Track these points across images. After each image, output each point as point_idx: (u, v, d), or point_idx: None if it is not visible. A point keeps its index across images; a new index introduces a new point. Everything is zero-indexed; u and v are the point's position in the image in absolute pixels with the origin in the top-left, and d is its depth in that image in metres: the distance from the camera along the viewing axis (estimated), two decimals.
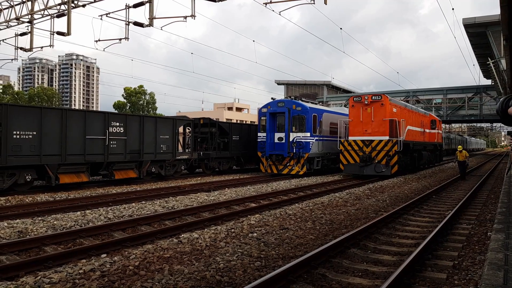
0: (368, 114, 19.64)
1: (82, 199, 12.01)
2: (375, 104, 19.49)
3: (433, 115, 30.74)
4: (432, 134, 28.60)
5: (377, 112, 19.35)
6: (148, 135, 17.13)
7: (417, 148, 23.49)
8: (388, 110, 19.30)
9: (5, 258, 6.21)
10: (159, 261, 5.87)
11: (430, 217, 9.75)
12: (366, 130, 19.61)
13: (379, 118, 19.30)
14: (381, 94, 19.82)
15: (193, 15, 13.88)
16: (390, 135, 19.04)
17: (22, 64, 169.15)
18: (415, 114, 24.19)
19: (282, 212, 9.79)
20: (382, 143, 19.02)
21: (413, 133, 22.82)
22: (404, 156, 20.28)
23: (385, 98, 19.39)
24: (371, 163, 19.07)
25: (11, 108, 12.84)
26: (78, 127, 14.43)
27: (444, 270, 5.70)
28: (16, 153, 12.60)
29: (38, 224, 8.31)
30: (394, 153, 18.78)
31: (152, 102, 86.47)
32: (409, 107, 23.76)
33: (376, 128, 19.40)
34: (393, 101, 20.36)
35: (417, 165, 24.07)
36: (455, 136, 69.84)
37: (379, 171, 18.76)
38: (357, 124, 19.97)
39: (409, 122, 22.05)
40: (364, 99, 19.77)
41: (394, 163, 18.84)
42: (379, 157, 19.02)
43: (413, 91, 46.69)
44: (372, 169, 18.99)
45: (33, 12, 17.27)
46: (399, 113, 20.64)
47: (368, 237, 7.47)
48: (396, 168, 18.95)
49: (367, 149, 19.27)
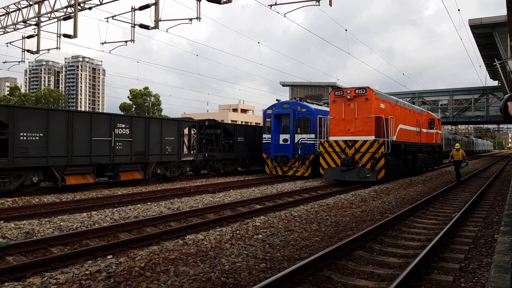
0: (351, 110, 17.17)
1: (88, 200, 12.08)
2: (359, 99, 17.01)
3: (432, 114, 28.25)
4: (430, 134, 26.13)
5: (361, 108, 16.91)
6: (154, 136, 17.19)
7: (411, 149, 21.09)
8: (374, 105, 16.86)
9: (12, 259, 6.26)
10: (165, 262, 5.89)
11: (436, 219, 9.69)
12: (349, 129, 17.21)
13: (364, 115, 16.87)
14: (365, 87, 17.14)
15: (199, 17, 13.94)
16: (376, 134, 16.68)
17: (29, 66, 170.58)
18: (409, 112, 21.82)
19: (287, 214, 9.77)
20: (366, 144, 16.65)
21: (406, 132, 20.51)
22: (394, 159, 18.10)
23: (370, 91, 16.93)
24: (354, 167, 16.75)
25: (18, 110, 12.95)
26: (84, 128, 14.51)
27: (450, 273, 5.66)
28: (23, 155, 12.70)
29: (44, 225, 8.36)
30: (380, 156, 16.46)
31: (157, 104, 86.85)
32: (402, 104, 21.06)
33: (360, 127, 16.99)
34: (380, 95, 17.93)
35: (412, 168, 21.40)
36: (461, 137, 69.43)
37: (363, 177, 16.37)
38: (338, 122, 17.57)
39: (401, 120, 19.83)
40: (346, 93, 17.27)
41: (380, 167, 16.48)
42: (363, 161, 16.68)
43: (419, 92, 46.49)
44: (355, 174, 16.64)
45: (40, 15, 17.42)
46: (388, 109, 18.22)
47: (374, 239, 7.44)
48: (382, 173, 16.53)
49: (350, 150, 16.98)
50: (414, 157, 21.35)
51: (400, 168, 19.14)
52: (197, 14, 13.89)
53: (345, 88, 17.72)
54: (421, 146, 23.47)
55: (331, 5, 13.21)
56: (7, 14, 18.79)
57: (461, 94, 43.81)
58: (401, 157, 19.22)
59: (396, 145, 17.99)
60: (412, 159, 21.02)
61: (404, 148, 19.29)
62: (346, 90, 17.40)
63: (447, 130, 72.12)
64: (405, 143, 19.61)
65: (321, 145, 17.89)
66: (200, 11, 13.88)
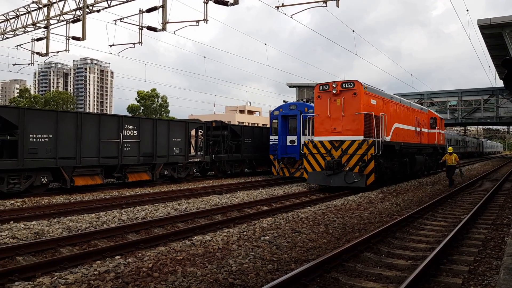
0: (337, 107, 15.36)
1: (96, 201, 12.16)
2: (346, 94, 15.17)
3: (433, 112, 25.97)
4: (432, 134, 23.89)
5: (349, 104, 15.11)
6: (161, 138, 17.28)
7: (408, 151, 19.19)
8: (363, 101, 15.08)
9: (22, 259, 6.33)
10: (172, 263, 5.91)
11: (445, 221, 9.62)
12: (335, 128, 15.42)
13: (351, 111, 15.07)
14: (353, 80, 15.21)
15: (206, 19, 13.99)
16: (365, 134, 14.94)
17: (38, 69, 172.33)
18: (407, 110, 19.92)
19: (294, 215, 9.76)
20: (354, 145, 14.83)
21: (403, 132, 18.71)
22: (389, 161, 16.37)
23: (358, 85, 15.04)
24: (341, 171, 14.91)
25: (27, 111, 13.10)
26: (93, 130, 14.63)
27: (459, 275, 5.61)
28: (32, 156, 12.83)
29: (54, 226, 8.44)
30: (370, 158, 14.54)
31: (164, 105, 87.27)
32: (398, 100, 18.98)
33: (347, 125, 15.20)
34: (371, 89, 15.99)
35: (409, 172, 19.45)
36: (470, 139, 68.82)
37: (350, 182, 14.59)
38: (324, 121, 15.77)
39: (397, 119, 18.12)
40: (332, 88, 15.42)
41: (369, 171, 14.55)
42: (351, 163, 14.85)
43: (427, 93, 46.17)
44: (341, 179, 14.81)
45: (49, 17, 17.62)
46: (381, 106, 16.50)
47: (381, 241, 7.40)
48: (372, 178, 14.56)
49: (336, 152, 15.16)
50: (412, 160, 19.72)
51: (396, 172, 17.50)
52: (204, 16, 13.95)
53: (331, 82, 15.66)
54: (421, 147, 21.60)
55: (338, 6, 13.21)
56: (17, 17, 19.03)
57: (470, 95, 43.44)
58: (397, 160, 17.63)
59: (389, 146, 16.38)
60: (410, 161, 19.40)
61: (399, 149, 17.48)
62: (331, 84, 15.52)
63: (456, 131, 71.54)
64: (401, 144, 17.79)
65: (305, 146, 16.19)
66: (207, 13, 13.93)
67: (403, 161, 18.40)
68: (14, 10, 19.07)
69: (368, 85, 15.72)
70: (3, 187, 12.33)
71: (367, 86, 15.49)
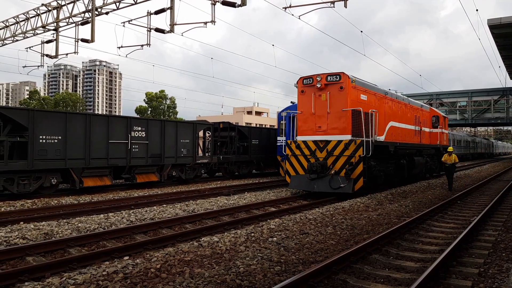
0: (322, 103, 13.82)
1: (105, 202, 12.25)
2: (332, 88, 13.65)
3: (436, 110, 24.07)
4: (434, 134, 22.16)
5: (335, 100, 13.58)
6: (169, 139, 17.35)
7: (405, 152, 17.63)
8: (351, 96, 13.57)
9: (31, 259, 6.39)
10: (180, 264, 5.93)
11: (454, 223, 9.52)
12: (320, 126, 13.89)
13: (338, 108, 13.53)
14: (339, 73, 13.67)
15: (213, 21, 14.04)
16: (353, 133, 13.47)
17: (48, 71, 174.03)
18: (404, 107, 18.30)
19: (302, 217, 9.73)
20: (341, 146, 13.28)
21: (399, 131, 17.21)
22: (382, 164, 14.90)
23: (345, 78, 13.49)
24: (326, 174, 13.33)
25: (37, 113, 13.24)
26: (102, 131, 14.74)
27: (469, 278, 5.55)
28: (42, 157, 12.96)
29: (63, 227, 8.52)
30: (358, 160, 13.02)
31: (172, 107, 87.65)
32: (394, 96, 17.31)
33: (333, 124, 13.67)
34: (360, 83, 14.36)
35: (407, 175, 17.92)
36: (480, 140, 68.10)
37: (336, 187, 13.02)
38: (308, 118, 14.24)
39: (393, 117, 16.59)
40: (316, 81, 13.89)
41: (357, 175, 13.01)
42: (337, 166, 13.31)
43: (437, 94, 45.79)
44: (326, 183, 13.21)
45: (59, 20, 17.81)
46: (373, 102, 14.96)
47: (390, 243, 7.35)
48: (361, 182, 13.00)
49: (321, 154, 13.63)
50: (411, 162, 18.21)
51: (392, 175, 16.07)
52: (212, 17, 14.00)
53: (315, 74, 14.09)
54: (421, 148, 19.99)
55: (346, 7, 13.17)
56: (27, 19, 19.26)
57: (480, 95, 42.98)
58: (393, 162, 16.20)
59: (383, 146, 14.90)
60: (408, 164, 17.92)
61: (394, 150, 15.85)
62: (315, 77, 13.98)
63: (466, 132, 70.85)
64: (396, 144, 16.14)
65: (287, 147, 14.63)
66: (214, 15, 13.98)
67: (399, 163, 16.97)
68: (24, 13, 19.31)
69: (357, 78, 14.23)
70: (13, 188, 12.48)
71: (355, 79, 13.95)
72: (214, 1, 13.68)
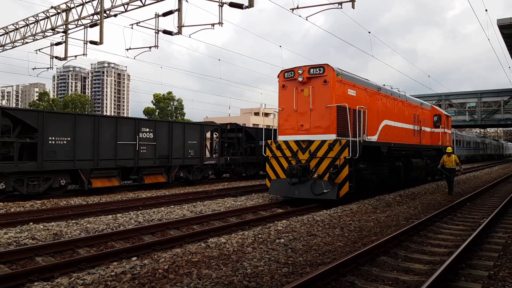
0: (305, 98, 12.48)
1: (113, 203, 12.32)
2: (315, 82, 12.33)
3: (438, 108, 22.44)
4: (436, 134, 20.69)
5: (319, 95, 12.23)
6: (177, 140, 17.42)
7: (401, 153, 16.21)
8: (336, 90, 12.20)
9: (41, 259, 6.45)
10: (188, 265, 5.94)
11: (464, 225, 9.43)
12: (303, 125, 12.57)
13: (322, 104, 12.16)
14: (323, 64, 12.25)
15: (221, 23, 14.07)
16: (339, 132, 12.13)
17: (57, 72, 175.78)
18: (401, 104, 16.82)
19: (309, 218, 9.71)
20: (325, 146, 11.86)
21: (395, 131, 15.82)
22: (373, 166, 13.42)
23: (329, 70, 12.13)
24: (308, 179, 11.94)
25: (47, 114, 13.37)
26: (110, 133, 14.85)
27: (479, 280, 5.49)
28: (51, 158, 13.09)
29: (72, 227, 8.59)
30: (343, 163, 11.62)
31: (180, 108, 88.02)
32: (388, 92, 15.76)
33: (317, 122, 12.31)
34: (347, 76, 12.97)
35: (404, 179, 16.39)
36: (490, 141, 67.42)
37: (319, 193, 11.65)
38: (289, 116, 12.90)
39: (387, 115, 15.22)
40: (297, 74, 12.56)
41: (342, 179, 11.61)
42: (320, 170, 11.92)
43: (445, 95, 45.46)
44: (307, 189, 11.84)
45: (68, 22, 17.98)
46: (363, 98, 13.60)
47: (398, 245, 7.30)
48: (346, 188, 11.59)
49: (303, 155, 12.27)
50: (408, 164, 16.73)
51: (386, 179, 14.63)
52: (219, 19, 14.04)
53: (297, 67, 12.74)
54: (420, 149, 18.53)
55: (353, 8, 13.13)
56: (37, 22, 19.48)
57: (490, 96, 42.60)
58: (387, 165, 14.71)
59: (374, 147, 13.56)
60: (405, 166, 16.46)
61: (388, 151, 14.40)
62: (297, 69, 12.64)
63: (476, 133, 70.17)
64: (390, 145, 14.61)
65: (267, 147, 13.29)
66: (222, 17, 14.02)
67: (395, 166, 15.46)
68: (34, 15, 19.53)
69: (344, 71, 12.86)
70: (22, 188, 12.61)
71: (341, 72, 12.62)
72: (222, 3, 13.72)
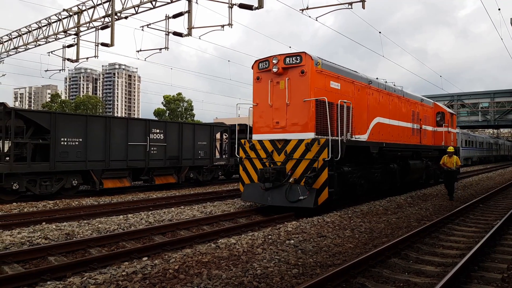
0: (281, 92, 10.97)
1: (124, 204, 12.43)
2: (292, 73, 10.82)
3: (441, 106, 20.41)
4: (438, 133, 18.95)
5: (296, 88, 10.75)
6: (187, 141, 17.51)
7: (396, 154, 14.44)
8: (315, 82, 10.68)
9: (53, 259, 6.54)
10: (198, 265, 5.97)
11: (476, 226, 9.30)
12: (278, 122, 11.06)
13: (299, 98, 10.66)
14: (300, 53, 10.76)
15: (230, 24, 14.11)
16: (318, 130, 10.61)
17: (69, 74, 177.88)
18: (397, 100, 15.14)
19: (319, 219, 9.67)
20: (302, 146, 10.38)
21: (390, 130, 14.28)
22: (362, 169, 12.01)
23: (307, 60, 10.62)
24: (282, 183, 10.44)
25: (59, 116, 13.55)
26: (121, 134, 14.98)
27: (492, 283, 5.42)
28: (63, 159, 13.26)
29: (83, 227, 8.69)
30: (322, 165, 10.08)
31: (190, 109, 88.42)
32: (381, 86, 14.08)
33: (293, 118, 10.82)
34: (329, 67, 11.37)
35: (400, 183, 14.82)
36: (503, 141, 66.45)
37: (294, 200, 10.14)
38: (264, 112, 11.41)
39: (380, 111, 13.67)
40: (272, 64, 11.01)
41: (321, 184, 10.09)
42: (297, 173, 10.43)
43: (458, 95, 44.94)
44: (282, 195, 10.35)
45: (79, 25, 18.20)
46: (349, 92, 12.05)
47: (410, 246, 7.23)
48: (325, 194, 10.08)
49: (279, 157, 10.79)
50: (405, 166, 15.05)
51: (378, 183, 13.11)
52: (229, 20, 14.07)
53: (272, 56, 11.21)
54: (419, 149, 16.79)
55: (364, 8, 13.07)
56: (49, 24, 19.75)
57: (503, 96, 41.98)
58: (379, 167, 13.24)
59: (362, 147, 11.98)
60: (402, 169, 14.82)
61: (379, 152, 12.73)
62: (272, 59, 11.10)
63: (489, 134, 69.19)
64: (382, 145, 12.97)
65: (241, 147, 11.91)
66: (232, 18, 14.05)
67: (388, 168, 13.87)
68: (46, 18, 19.81)
69: (325, 61, 11.29)
70: (35, 189, 12.79)
71: (322, 61, 11.02)
72: (231, 4, 13.75)
